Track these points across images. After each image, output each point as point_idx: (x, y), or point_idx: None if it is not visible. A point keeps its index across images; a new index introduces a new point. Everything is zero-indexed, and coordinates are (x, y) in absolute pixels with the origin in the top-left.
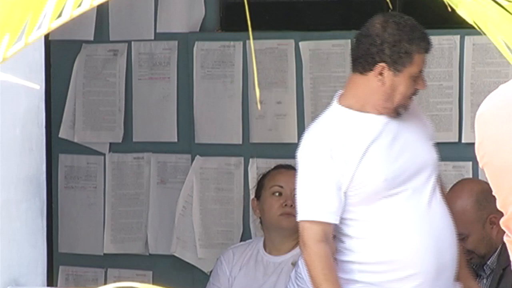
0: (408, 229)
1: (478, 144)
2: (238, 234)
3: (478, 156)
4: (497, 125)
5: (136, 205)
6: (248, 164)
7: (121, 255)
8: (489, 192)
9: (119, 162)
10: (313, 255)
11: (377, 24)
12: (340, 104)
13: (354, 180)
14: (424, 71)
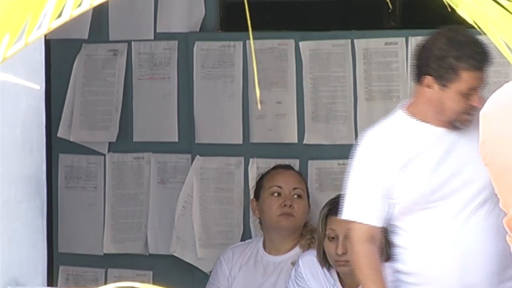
0: (434, 245)
1: (481, 143)
2: (239, 234)
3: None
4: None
5: (136, 205)
6: (248, 164)
7: (121, 255)
8: None
9: (119, 162)
10: (358, 255)
11: (431, 37)
12: (405, 111)
13: (395, 188)
14: (481, 88)
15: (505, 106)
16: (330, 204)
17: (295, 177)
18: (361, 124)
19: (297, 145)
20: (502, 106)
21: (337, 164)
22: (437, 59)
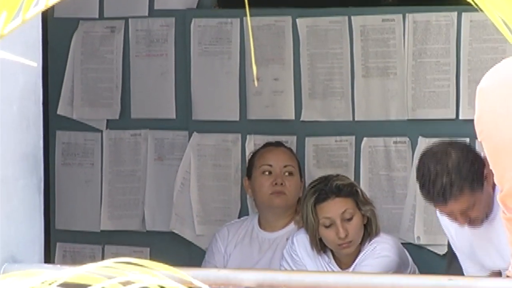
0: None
1: (477, 118)
2: (236, 210)
3: (476, 130)
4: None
5: (133, 182)
6: (246, 140)
7: (118, 231)
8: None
9: (116, 139)
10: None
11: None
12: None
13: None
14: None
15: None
16: (313, 192)
17: (285, 154)
18: (358, 100)
19: (294, 121)
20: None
21: (334, 140)
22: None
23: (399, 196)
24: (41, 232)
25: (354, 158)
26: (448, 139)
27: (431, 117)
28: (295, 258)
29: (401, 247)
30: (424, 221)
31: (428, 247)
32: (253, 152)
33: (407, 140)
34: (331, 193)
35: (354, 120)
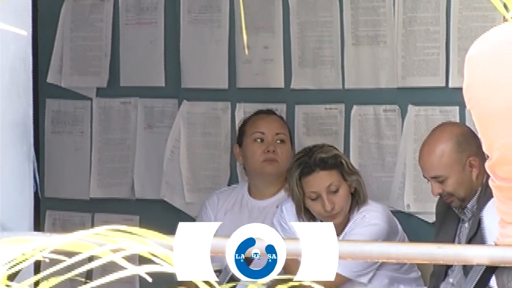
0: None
1: (466, 87)
2: (226, 178)
3: (465, 99)
4: (485, 69)
5: (123, 150)
6: (235, 108)
7: (108, 199)
8: (469, 135)
9: (106, 107)
10: None
11: None
12: None
13: None
14: None
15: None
16: (298, 164)
17: (277, 122)
18: (348, 69)
19: (284, 89)
20: (490, 50)
21: (324, 108)
22: None
23: (389, 164)
24: (31, 200)
25: (344, 126)
26: (438, 107)
27: (421, 85)
28: (284, 226)
29: (391, 215)
30: (413, 189)
31: (417, 215)
32: (244, 119)
33: (397, 108)
34: (316, 166)
35: (344, 88)
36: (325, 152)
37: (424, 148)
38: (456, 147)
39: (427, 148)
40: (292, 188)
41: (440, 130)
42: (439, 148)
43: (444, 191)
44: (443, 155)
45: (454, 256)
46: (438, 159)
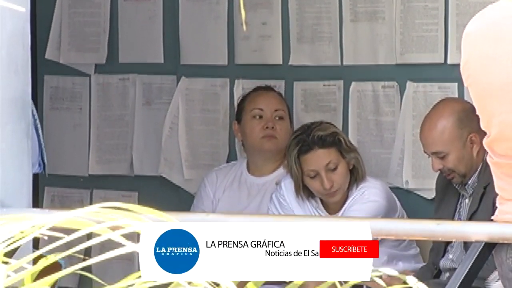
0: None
1: (463, 63)
2: (224, 155)
3: (463, 75)
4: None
5: (121, 126)
6: (234, 85)
7: (106, 176)
8: (470, 111)
9: (104, 83)
10: None
11: None
12: None
13: None
14: None
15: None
16: (296, 143)
17: (276, 99)
18: (346, 45)
19: (282, 66)
20: (488, 26)
21: (322, 85)
22: None
23: (387, 140)
24: (30, 176)
25: (342, 102)
26: (437, 83)
27: (419, 62)
28: (283, 203)
29: (390, 192)
30: (412, 166)
31: (416, 191)
32: (243, 96)
33: (395, 84)
34: (314, 144)
35: (343, 65)
36: (323, 130)
37: (425, 124)
38: (457, 123)
39: (428, 123)
40: (291, 166)
41: (441, 106)
42: (440, 123)
43: (444, 167)
44: (444, 131)
45: (453, 233)
46: (439, 135)
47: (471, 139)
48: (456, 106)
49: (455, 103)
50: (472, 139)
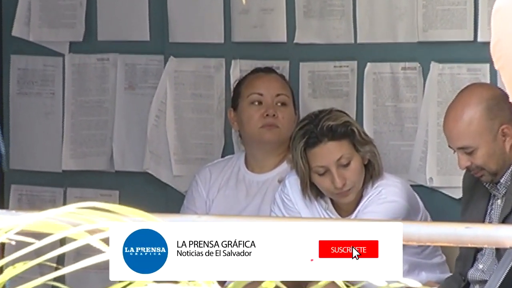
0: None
1: (494, 43)
2: (219, 148)
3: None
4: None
5: (101, 114)
6: (230, 66)
7: (82, 172)
8: (501, 99)
9: (80, 64)
10: None
11: None
12: None
13: None
14: None
15: None
16: (303, 134)
17: (278, 82)
18: (361, 20)
19: (287, 44)
20: None
21: (333, 66)
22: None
23: (408, 131)
24: None
25: (356, 86)
26: (465, 64)
27: (445, 39)
28: (288, 204)
29: (411, 191)
30: (437, 160)
31: (441, 190)
32: (240, 79)
33: (418, 65)
34: (323, 136)
35: (356, 43)
36: (334, 119)
37: (449, 114)
38: (486, 113)
39: (453, 114)
40: (296, 161)
41: (468, 93)
42: (467, 114)
43: (472, 163)
44: (472, 123)
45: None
46: (465, 127)
47: (503, 132)
48: (485, 93)
49: (483, 89)
50: (504, 131)
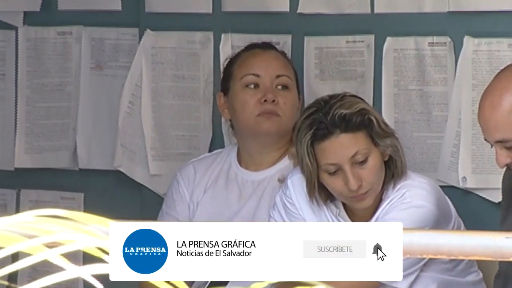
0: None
1: None
2: (206, 140)
3: None
4: None
5: (62, 100)
6: (220, 41)
7: (39, 170)
8: None
9: (37, 40)
10: None
11: None
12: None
13: None
14: None
15: None
16: (310, 124)
17: (278, 60)
18: None
19: (289, 15)
20: None
21: (345, 41)
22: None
23: (436, 120)
24: None
25: (373, 66)
26: (506, 39)
27: (481, 9)
28: (290, 209)
29: (441, 193)
30: (472, 156)
31: (477, 192)
32: (232, 57)
33: (448, 40)
34: (335, 127)
35: (373, 13)
36: (348, 107)
37: (485, 101)
38: None
39: (489, 100)
40: (302, 158)
41: (508, 75)
42: (506, 100)
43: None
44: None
45: None
46: (505, 116)
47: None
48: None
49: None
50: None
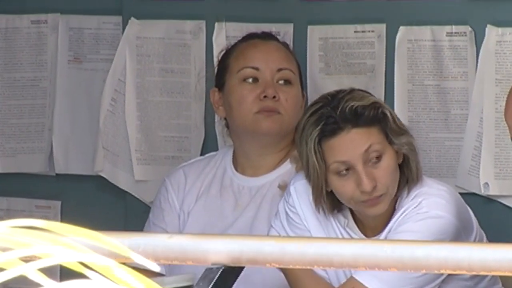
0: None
1: None
2: (198, 142)
3: None
4: None
5: (36, 97)
6: (213, 31)
7: (11, 175)
8: None
9: (8, 29)
10: None
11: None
12: None
13: None
14: None
15: None
16: (316, 120)
17: (280, 52)
18: None
19: (290, 1)
20: None
21: (353, 31)
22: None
23: (456, 119)
24: None
25: (385, 59)
26: None
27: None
28: (293, 219)
29: (461, 202)
30: (495, 159)
31: (500, 199)
32: (227, 48)
33: (469, 30)
34: (346, 122)
35: None
36: (359, 99)
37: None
38: None
39: None
40: (308, 159)
41: None
42: None
43: None
44: None
45: None
46: None
47: None
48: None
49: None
50: None
